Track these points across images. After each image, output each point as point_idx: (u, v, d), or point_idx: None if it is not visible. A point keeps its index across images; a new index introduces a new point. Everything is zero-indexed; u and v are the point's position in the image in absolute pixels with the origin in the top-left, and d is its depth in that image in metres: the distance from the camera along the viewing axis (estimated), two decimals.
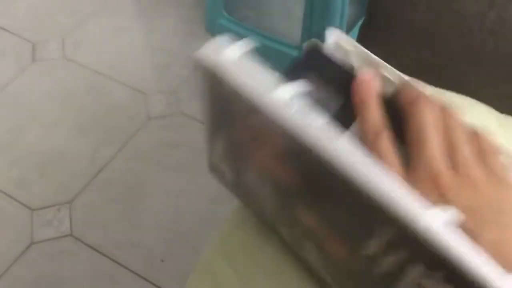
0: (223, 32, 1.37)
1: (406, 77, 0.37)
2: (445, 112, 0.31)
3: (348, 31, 1.30)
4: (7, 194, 1.11)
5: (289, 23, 1.45)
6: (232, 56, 0.33)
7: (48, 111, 1.27)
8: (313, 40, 0.58)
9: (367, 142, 0.31)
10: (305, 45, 0.59)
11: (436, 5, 0.52)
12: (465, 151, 0.30)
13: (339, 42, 0.54)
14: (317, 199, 0.32)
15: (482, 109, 0.51)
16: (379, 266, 0.29)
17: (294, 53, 1.29)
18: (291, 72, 0.37)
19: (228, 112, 0.35)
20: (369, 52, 0.54)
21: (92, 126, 1.24)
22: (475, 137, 0.31)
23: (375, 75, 0.35)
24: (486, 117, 0.50)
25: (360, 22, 1.33)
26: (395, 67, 0.54)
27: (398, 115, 0.32)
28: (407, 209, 0.26)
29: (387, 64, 0.48)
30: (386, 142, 0.30)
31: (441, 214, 0.26)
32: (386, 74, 0.37)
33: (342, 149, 0.28)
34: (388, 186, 0.27)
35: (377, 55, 0.55)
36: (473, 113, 0.49)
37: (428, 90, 0.46)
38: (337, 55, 0.42)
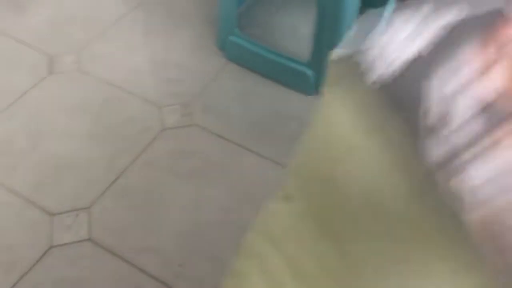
0: (234, 49, 1.43)
1: None
2: None
3: None
4: (26, 199, 1.15)
5: (297, 41, 1.51)
6: None
7: (65, 122, 1.31)
8: (335, 50, 0.63)
9: None
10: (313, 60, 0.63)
11: None
12: None
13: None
14: None
15: None
16: None
17: (304, 69, 1.35)
18: None
19: None
20: None
21: (107, 136, 1.29)
22: None
23: None
24: None
25: None
26: None
27: None
28: None
29: None
30: None
31: None
32: None
33: None
34: None
35: None
36: None
37: None
38: None
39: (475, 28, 0.41)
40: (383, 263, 0.44)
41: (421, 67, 0.46)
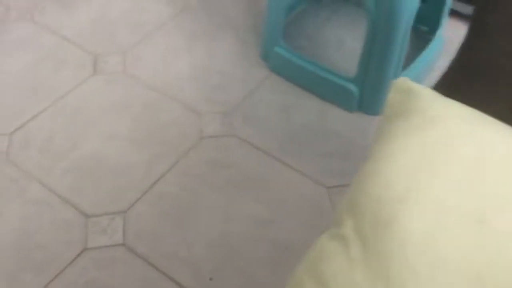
0: (278, 60, 1.42)
1: None
2: None
3: (404, 68, 1.32)
4: (63, 198, 1.15)
5: (343, 55, 1.48)
6: None
7: (105, 123, 1.32)
8: (402, 78, 0.61)
9: None
10: (393, 83, 0.61)
11: None
12: None
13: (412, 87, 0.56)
14: None
15: None
16: None
17: (348, 86, 1.32)
18: None
19: None
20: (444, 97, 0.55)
21: (147, 140, 1.29)
22: None
23: None
24: None
25: (416, 64, 1.35)
26: (486, 113, 0.55)
27: None
28: None
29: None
30: None
31: None
32: None
33: None
34: None
35: (466, 97, 0.56)
36: None
37: None
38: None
39: None
40: None
41: None
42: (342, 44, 1.52)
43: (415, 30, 1.47)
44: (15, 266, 1.04)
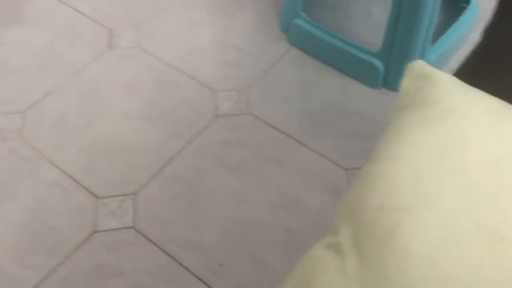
0: (298, 33, 1.34)
1: None
2: None
3: (432, 43, 1.22)
4: (74, 179, 1.14)
5: (369, 27, 1.39)
6: None
7: (119, 101, 1.28)
8: (419, 61, 0.53)
9: None
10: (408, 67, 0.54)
11: None
12: None
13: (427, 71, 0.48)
14: None
15: None
16: None
17: (373, 60, 1.23)
18: None
19: None
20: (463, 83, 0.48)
21: (160, 119, 1.25)
22: None
23: None
24: None
25: (447, 37, 1.25)
26: (504, 99, 0.48)
27: None
28: None
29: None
30: None
31: None
32: None
33: None
34: None
35: (489, 88, 0.49)
36: None
37: None
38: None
39: None
40: None
41: None
42: (368, 15, 1.42)
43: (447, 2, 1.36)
44: (26, 247, 1.04)
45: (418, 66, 0.50)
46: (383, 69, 1.23)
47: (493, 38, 0.55)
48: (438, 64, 1.21)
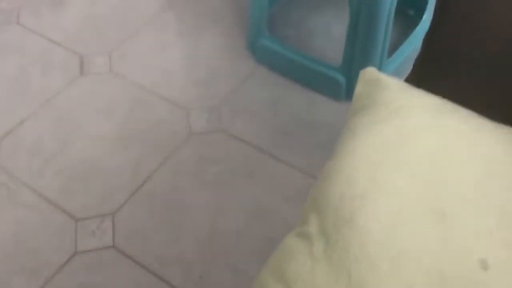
0: (264, 52, 1.40)
1: None
2: None
3: (389, 55, 1.30)
4: (53, 202, 1.15)
5: (331, 43, 1.46)
6: None
7: (94, 124, 1.31)
8: (370, 68, 0.59)
9: None
10: (361, 72, 0.59)
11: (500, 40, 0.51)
12: None
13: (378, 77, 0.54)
14: None
15: None
16: None
17: (335, 75, 1.30)
18: None
19: None
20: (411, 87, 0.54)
21: (135, 139, 1.28)
22: None
23: None
24: None
25: (403, 49, 1.33)
26: (452, 101, 0.54)
27: None
28: None
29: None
30: None
31: None
32: None
33: None
34: None
35: (433, 90, 0.55)
36: None
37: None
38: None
39: None
40: None
41: None
42: (329, 32, 1.50)
43: (401, 14, 1.44)
44: (7, 271, 1.05)
45: (368, 73, 0.56)
46: (345, 82, 1.30)
47: (432, 45, 0.62)
48: (396, 74, 1.28)
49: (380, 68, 1.20)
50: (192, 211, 1.14)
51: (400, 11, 1.30)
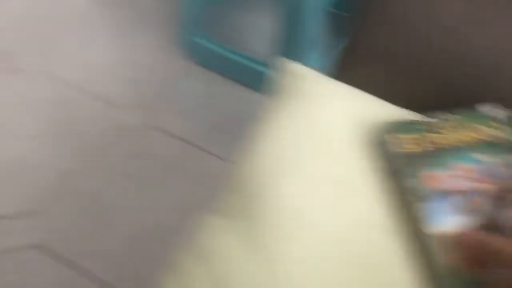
0: (196, 49, 1.41)
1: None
2: None
3: (328, 53, 1.35)
4: None
5: (260, 39, 1.49)
6: None
7: (20, 122, 1.27)
8: (289, 61, 0.62)
9: None
10: (273, 61, 0.62)
11: (419, 33, 0.55)
12: None
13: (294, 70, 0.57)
14: None
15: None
16: None
17: (265, 70, 1.33)
18: None
19: None
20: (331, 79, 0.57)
21: (63, 138, 1.25)
22: None
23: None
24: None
25: (330, 44, 1.39)
26: (376, 95, 0.57)
27: None
28: None
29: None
30: None
31: None
32: None
33: None
34: None
35: (357, 84, 0.58)
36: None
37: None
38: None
39: None
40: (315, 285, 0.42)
41: None
42: (261, 29, 1.53)
43: (336, 16, 1.50)
44: None
45: (289, 66, 0.59)
46: (274, 77, 1.33)
47: (354, 39, 0.66)
48: (321, 68, 1.33)
49: (306, 62, 1.24)
50: (121, 208, 1.13)
51: (334, 14, 1.35)
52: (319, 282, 0.42)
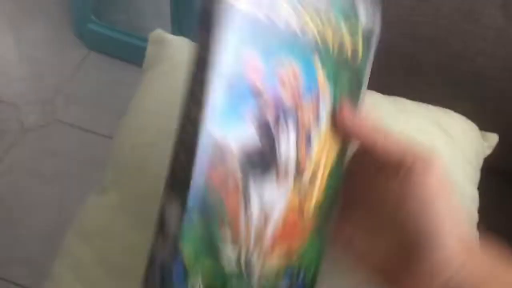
0: (94, 37, 1.36)
1: None
2: None
3: None
4: None
5: (161, 23, 1.47)
6: None
7: None
8: (157, 30, 0.62)
9: None
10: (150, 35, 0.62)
11: None
12: None
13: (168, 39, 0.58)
14: None
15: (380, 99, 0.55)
16: None
17: None
18: None
19: None
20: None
21: None
22: None
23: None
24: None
25: None
26: None
27: None
28: None
29: None
30: None
31: None
32: None
33: None
34: None
35: None
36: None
37: None
38: None
39: None
40: None
41: None
42: (157, 11, 1.51)
43: None
44: None
45: (156, 34, 0.59)
46: None
47: None
48: None
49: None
50: (34, 209, 1.09)
51: None
52: None
